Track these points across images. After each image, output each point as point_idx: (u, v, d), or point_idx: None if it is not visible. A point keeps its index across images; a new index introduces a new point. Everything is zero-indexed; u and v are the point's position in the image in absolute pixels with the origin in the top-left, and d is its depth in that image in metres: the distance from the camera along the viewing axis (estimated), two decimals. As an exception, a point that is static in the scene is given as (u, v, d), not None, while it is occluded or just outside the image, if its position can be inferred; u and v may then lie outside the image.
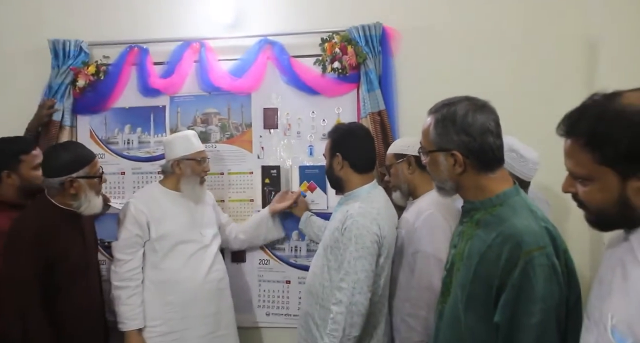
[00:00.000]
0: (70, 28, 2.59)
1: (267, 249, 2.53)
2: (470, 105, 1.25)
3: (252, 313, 2.53)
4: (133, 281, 2.12)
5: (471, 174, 1.26)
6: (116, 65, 2.57)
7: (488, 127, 1.23)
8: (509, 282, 1.12)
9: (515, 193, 1.26)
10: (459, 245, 1.31)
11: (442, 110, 1.28)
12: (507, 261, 1.13)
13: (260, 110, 2.53)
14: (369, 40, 2.36)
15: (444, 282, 1.35)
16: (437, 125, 1.28)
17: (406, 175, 2.04)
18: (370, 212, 1.82)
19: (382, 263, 1.84)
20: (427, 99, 2.33)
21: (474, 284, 1.19)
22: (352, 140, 1.95)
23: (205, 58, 2.49)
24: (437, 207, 1.88)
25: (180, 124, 2.58)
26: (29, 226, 1.90)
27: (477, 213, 1.27)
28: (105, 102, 2.59)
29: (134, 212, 2.15)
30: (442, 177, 1.31)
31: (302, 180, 2.49)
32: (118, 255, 2.13)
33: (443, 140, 1.26)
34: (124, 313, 2.09)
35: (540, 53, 2.34)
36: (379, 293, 1.86)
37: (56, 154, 1.96)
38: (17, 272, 1.83)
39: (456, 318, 1.24)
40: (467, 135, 1.23)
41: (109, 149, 2.62)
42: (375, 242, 1.79)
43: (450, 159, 1.26)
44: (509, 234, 1.15)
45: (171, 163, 2.22)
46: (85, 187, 1.96)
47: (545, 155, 1.82)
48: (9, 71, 2.67)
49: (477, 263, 1.19)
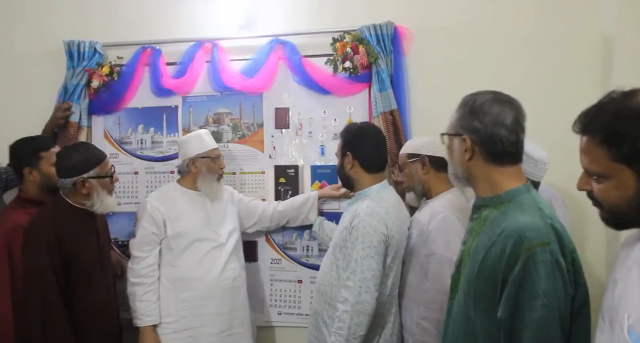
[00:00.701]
0: (85, 29, 2.63)
1: (279, 248, 2.53)
2: (492, 97, 1.27)
3: (264, 312, 2.55)
4: (149, 278, 2.15)
5: (479, 164, 1.27)
6: (129, 66, 2.59)
7: (502, 120, 1.24)
8: (510, 277, 1.12)
9: (525, 191, 1.25)
10: (468, 242, 1.31)
11: (467, 98, 1.31)
12: (510, 256, 1.12)
13: (272, 110, 2.54)
14: (380, 40, 2.35)
15: (453, 278, 1.35)
16: (457, 110, 1.32)
17: (420, 176, 2.03)
18: (377, 211, 1.82)
19: (389, 263, 1.84)
20: (439, 98, 2.36)
21: (479, 280, 1.19)
22: (363, 139, 1.96)
23: (217, 58, 2.50)
24: (451, 209, 1.87)
25: (192, 124, 2.59)
26: (46, 224, 1.94)
27: (486, 210, 1.27)
28: (119, 103, 2.62)
29: (150, 211, 2.18)
30: (455, 162, 1.34)
31: (313, 179, 2.50)
32: (135, 253, 2.17)
33: (459, 124, 1.30)
34: (139, 309, 2.13)
35: (555, 51, 2.31)
36: (387, 293, 1.85)
37: (68, 155, 1.99)
38: (36, 268, 1.87)
39: (464, 314, 1.24)
40: (479, 122, 1.25)
41: (122, 149, 2.65)
42: (382, 242, 1.79)
43: (462, 143, 1.28)
44: (512, 229, 1.15)
45: (187, 162, 2.24)
46: (96, 186, 2.00)
47: (561, 154, 1.79)
48: (25, 72, 2.71)
49: (482, 259, 1.19)
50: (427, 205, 2.02)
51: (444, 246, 1.80)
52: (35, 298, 1.85)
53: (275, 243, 2.54)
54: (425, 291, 1.83)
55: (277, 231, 2.53)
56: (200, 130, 2.35)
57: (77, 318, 1.95)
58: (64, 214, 1.99)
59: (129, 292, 2.16)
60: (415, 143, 2.09)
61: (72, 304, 1.95)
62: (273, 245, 2.54)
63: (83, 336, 1.96)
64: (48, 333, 1.85)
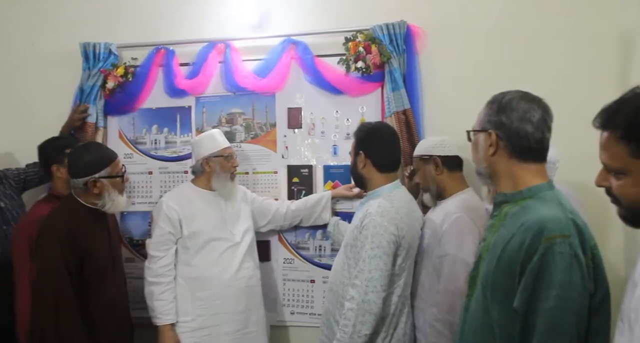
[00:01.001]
0: (100, 31, 2.66)
1: (291, 248, 2.54)
2: (520, 95, 1.29)
3: (277, 311, 2.55)
4: (166, 277, 2.17)
5: (503, 158, 1.28)
6: (144, 67, 2.62)
7: (530, 117, 1.25)
8: (528, 266, 1.11)
9: (547, 188, 1.25)
10: (487, 238, 1.30)
11: (496, 95, 1.33)
12: (529, 247, 1.12)
13: (285, 110, 2.54)
14: (393, 39, 2.34)
15: (471, 275, 1.34)
16: (486, 106, 1.33)
17: (434, 176, 2.02)
18: (388, 211, 1.81)
19: (400, 263, 1.83)
20: (453, 97, 2.35)
21: (498, 273, 1.19)
22: (375, 139, 1.95)
23: (230, 58, 2.51)
24: (465, 210, 1.86)
25: (205, 124, 2.61)
26: (59, 224, 1.96)
27: (507, 206, 1.27)
28: (134, 103, 2.64)
29: (166, 210, 2.20)
30: (479, 158, 1.35)
31: (326, 179, 2.50)
32: (152, 252, 2.19)
33: (485, 120, 1.32)
34: (157, 308, 2.15)
35: (572, 49, 2.27)
36: (398, 293, 1.84)
37: (79, 156, 2.01)
38: (50, 267, 1.89)
39: (482, 308, 1.23)
40: (506, 118, 1.26)
41: (137, 149, 2.67)
42: (392, 242, 1.78)
43: (487, 139, 1.30)
44: (533, 221, 1.14)
45: (200, 162, 2.25)
46: (108, 186, 2.02)
47: (580, 153, 1.77)
48: (43, 73, 2.76)
49: (501, 251, 1.18)
50: (440, 206, 2.01)
51: (457, 247, 1.78)
52: (49, 296, 1.87)
53: (288, 243, 2.54)
54: (438, 292, 1.82)
55: (289, 231, 2.53)
56: (213, 130, 2.36)
57: (90, 316, 1.97)
58: (76, 214, 2.02)
59: (147, 291, 2.18)
60: (427, 144, 2.07)
61: (85, 302, 1.97)
62: (286, 245, 2.54)
63: (96, 334, 1.98)
64: (62, 331, 1.87)
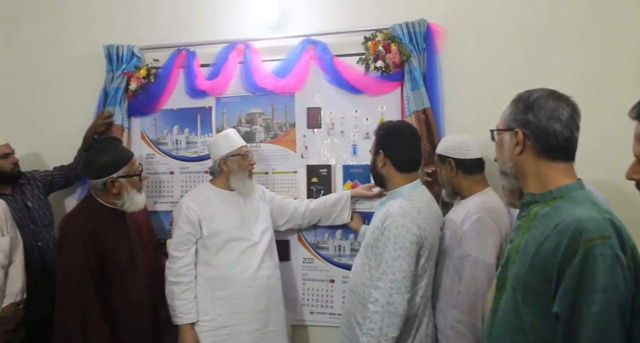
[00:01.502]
0: (122, 33, 2.71)
1: (311, 248, 2.54)
2: (547, 93, 1.25)
3: (296, 311, 2.56)
4: (186, 277, 2.20)
5: (530, 158, 1.24)
6: (165, 68, 2.65)
7: (558, 115, 1.21)
8: (568, 270, 1.07)
9: (578, 188, 1.21)
10: (516, 240, 1.27)
11: (521, 93, 1.29)
12: (567, 249, 1.08)
13: (304, 109, 2.55)
14: (413, 38, 2.32)
15: (499, 277, 1.31)
16: (511, 105, 1.30)
17: (449, 178, 2.01)
18: (410, 211, 1.79)
19: (423, 264, 1.81)
20: (473, 96, 2.33)
21: (531, 275, 1.15)
22: (396, 138, 1.93)
23: (250, 59, 2.53)
24: (486, 210, 1.83)
25: (226, 124, 2.63)
26: (80, 224, 2.00)
27: (536, 207, 1.23)
28: (156, 104, 2.68)
29: (185, 211, 2.22)
30: (504, 157, 1.32)
31: (345, 179, 2.49)
32: (172, 252, 2.22)
33: (511, 118, 1.28)
34: (177, 308, 2.17)
35: (597, 50, 2.22)
36: (420, 294, 1.83)
37: (96, 157, 2.04)
38: (73, 267, 1.92)
39: (513, 312, 1.20)
40: (534, 116, 1.23)
41: (158, 149, 2.71)
42: (414, 243, 1.76)
43: (513, 138, 1.26)
44: (568, 223, 1.10)
45: (218, 162, 2.27)
46: (126, 185, 2.05)
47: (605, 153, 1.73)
48: (66, 76, 2.82)
49: (534, 253, 1.14)
50: (460, 205, 1.99)
51: (478, 248, 1.76)
52: (73, 297, 1.90)
53: (308, 243, 2.54)
54: (459, 294, 1.80)
55: (309, 230, 2.54)
56: (228, 130, 2.38)
57: (115, 314, 2.01)
58: (96, 214, 2.05)
59: (167, 290, 2.20)
60: (445, 144, 2.05)
61: (109, 301, 2.00)
62: (305, 245, 2.55)
63: (117, 333, 2.01)
64: (87, 331, 1.90)
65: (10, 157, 2.46)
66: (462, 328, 1.76)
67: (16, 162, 2.49)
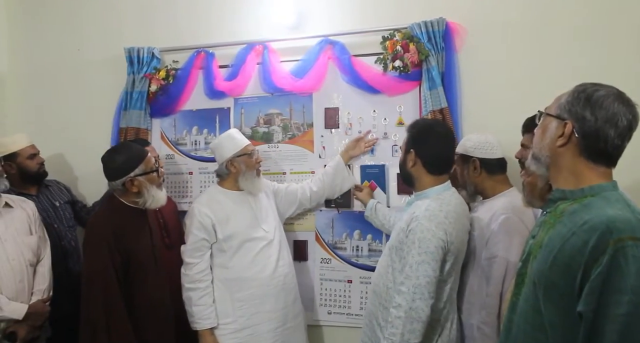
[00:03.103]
0: (143, 36, 2.75)
1: (328, 248, 2.54)
2: (616, 93, 1.18)
3: (314, 311, 2.56)
4: (203, 282, 2.19)
5: (570, 153, 1.19)
6: (184, 70, 2.68)
7: (617, 120, 1.14)
8: (595, 269, 1.03)
9: (611, 188, 1.17)
10: (539, 235, 1.23)
11: (588, 85, 1.20)
12: (595, 248, 1.04)
13: (322, 110, 2.55)
14: (431, 37, 2.31)
15: (519, 273, 1.27)
16: (572, 94, 1.21)
17: (472, 178, 1.98)
18: (437, 215, 1.72)
19: (448, 269, 1.75)
20: (492, 96, 2.30)
21: (553, 272, 1.11)
22: (429, 138, 1.85)
23: (268, 60, 2.54)
24: (513, 210, 1.80)
25: (244, 125, 2.65)
26: (105, 224, 2.03)
27: (564, 203, 1.19)
28: (175, 105, 2.71)
29: (198, 217, 2.20)
30: (543, 143, 1.25)
31: (362, 179, 2.48)
32: (187, 259, 2.21)
33: (566, 108, 1.20)
34: (196, 314, 2.16)
35: (619, 47, 2.17)
36: (444, 299, 1.77)
37: (111, 159, 2.07)
38: (99, 266, 1.96)
39: (533, 308, 1.17)
40: (591, 114, 1.15)
41: (178, 150, 2.74)
42: (440, 248, 1.69)
43: (560, 128, 1.19)
44: (599, 221, 1.06)
45: (225, 164, 2.26)
46: (145, 183, 2.07)
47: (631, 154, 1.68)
48: (89, 78, 2.87)
49: (559, 250, 1.11)
50: (484, 205, 1.96)
51: (506, 249, 1.73)
52: (98, 296, 1.93)
53: (325, 243, 2.54)
54: (487, 295, 1.78)
55: (326, 231, 2.54)
56: (230, 130, 2.37)
57: (139, 312, 2.02)
58: (119, 214, 2.08)
59: (185, 297, 2.19)
60: (469, 143, 2.01)
61: (133, 299, 2.03)
62: (323, 245, 2.55)
63: (140, 332, 2.02)
64: (112, 330, 1.92)
65: (36, 157, 2.53)
66: (488, 330, 1.74)
67: (42, 162, 2.55)
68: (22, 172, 2.48)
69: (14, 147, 2.47)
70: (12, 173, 2.45)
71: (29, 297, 2.15)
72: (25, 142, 2.52)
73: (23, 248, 2.17)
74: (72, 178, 2.86)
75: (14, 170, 2.46)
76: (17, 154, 2.47)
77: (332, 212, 2.54)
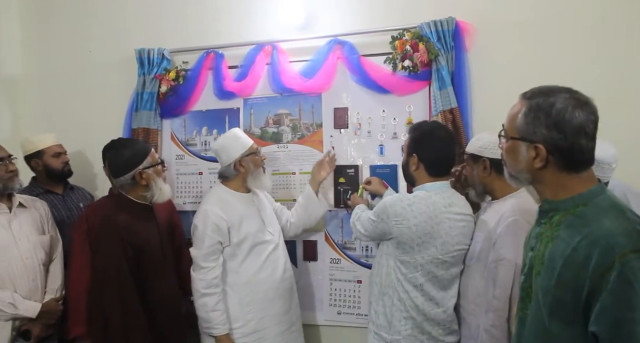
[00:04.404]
0: (153, 37, 2.77)
1: (338, 248, 2.54)
2: (571, 100, 1.14)
3: (324, 311, 2.56)
4: (217, 287, 2.12)
5: (552, 171, 1.17)
6: (194, 70, 2.70)
7: (585, 128, 1.13)
8: (603, 287, 1.02)
9: (600, 192, 1.16)
10: (538, 248, 1.22)
11: (538, 98, 1.16)
12: (599, 265, 1.03)
13: (331, 110, 2.55)
14: (441, 36, 2.29)
15: (523, 287, 1.27)
16: (528, 113, 1.17)
17: (481, 178, 1.96)
18: (400, 199, 1.89)
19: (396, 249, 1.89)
20: (503, 96, 2.24)
21: (559, 289, 1.11)
22: (431, 143, 1.93)
23: (277, 60, 2.55)
24: (521, 212, 1.78)
25: (253, 125, 2.66)
26: (115, 220, 2.06)
27: (557, 214, 1.18)
28: (185, 106, 2.73)
29: (214, 219, 2.12)
30: (518, 167, 1.23)
31: (372, 179, 2.48)
32: (203, 264, 2.11)
33: (530, 130, 1.16)
34: (214, 319, 2.09)
35: (631, 47, 2.14)
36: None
37: (119, 154, 2.11)
38: (113, 262, 1.98)
39: (542, 324, 1.16)
40: (559, 132, 1.13)
41: (187, 150, 2.76)
42: None
43: (531, 151, 1.17)
44: (598, 236, 1.06)
45: (233, 164, 2.21)
46: (153, 175, 2.11)
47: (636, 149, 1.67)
48: (101, 79, 2.90)
49: (562, 266, 1.10)
50: (492, 207, 1.95)
51: (514, 251, 1.72)
52: (113, 291, 1.95)
53: (335, 243, 2.55)
54: (494, 298, 1.76)
55: (336, 231, 2.54)
56: (233, 130, 2.31)
57: (151, 308, 2.05)
58: (128, 210, 2.10)
59: (200, 303, 2.10)
60: (479, 143, 1.99)
61: (146, 295, 2.05)
62: (332, 245, 2.55)
63: (157, 325, 2.06)
64: (127, 324, 1.95)
65: (61, 156, 2.60)
66: (497, 333, 1.73)
67: (67, 161, 2.61)
68: (48, 169, 2.55)
69: (41, 145, 2.55)
70: (39, 171, 2.55)
71: (42, 296, 2.19)
72: (52, 141, 2.59)
73: (36, 248, 2.20)
74: (84, 178, 2.88)
75: (40, 167, 2.55)
76: (43, 152, 2.54)
77: (341, 212, 2.53)
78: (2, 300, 2.03)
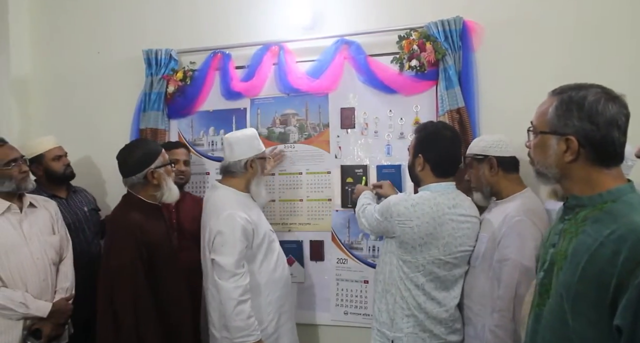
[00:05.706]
0: (160, 38, 2.78)
1: (345, 248, 2.54)
2: (603, 94, 1.15)
3: (331, 311, 2.56)
4: (249, 293, 2.05)
5: (582, 165, 1.16)
6: (201, 71, 2.71)
7: (617, 121, 1.13)
8: (631, 282, 1.00)
9: (630, 190, 1.14)
10: (560, 244, 1.20)
11: (570, 92, 1.16)
12: (628, 259, 1.01)
13: (338, 110, 2.55)
14: (448, 36, 2.29)
15: (542, 283, 1.25)
16: (559, 106, 1.16)
17: (488, 177, 1.96)
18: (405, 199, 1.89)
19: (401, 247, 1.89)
20: (510, 95, 2.27)
21: (582, 284, 1.09)
22: (437, 143, 1.93)
23: (284, 60, 2.55)
24: (526, 212, 1.78)
25: (260, 125, 2.66)
26: (126, 220, 2.06)
27: (583, 210, 1.17)
28: (192, 106, 2.74)
29: (242, 223, 2.05)
30: (548, 162, 1.21)
31: (379, 179, 2.47)
32: (237, 270, 2.01)
33: (561, 123, 1.16)
34: (251, 326, 2.01)
35: (636, 44, 2.12)
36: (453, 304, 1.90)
37: (131, 153, 2.11)
38: (128, 259, 1.98)
39: (560, 320, 1.15)
40: (592, 124, 1.12)
41: (195, 151, 2.77)
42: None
43: (562, 144, 1.16)
44: (628, 230, 1.04)
45: (245, 162, 2.16)
46: (164, 175, 2.12)
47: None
48: (109, 79, 2.92)
49: (587, 261, 1.09)
50: (497, 207, 1.94)
51: (518, 251, 1.72)
52: (127, 291, 1.95)
53: (342, 243, 2.55)
54: (498, 298, 1.76)
55: (342, 231, 2.54)
56: (252, 130, 2.31)
57: (163, 307, 2.05)
58: (139, 209, 2.11)
59: (236, 311, 1.98)
60: (482, 143, 2.00)
61: (157, 295, 2.04)
62: (339, 245, 2.55)
63: (168, 324, 2.05)
64: (140, 323, 1.95)
65: (62, 159, 2.57)
66: (501, 333, 1.73)
67: (68, 164, 2.60)
68: (49, 173, 2.52)
69: (40, 149, 2.51)
70: (40, 175, 2.51)
71: (52, 296, 2.21)
72: (51, 144, 2.56)
73: (47, 248, 2.22)
74: (93, 180, 2.90)
75: (41, 172, 2.52)
76: (43, 156, 2.51)
77: (348, 212, 2.53)
78: (14, 299, 2.05)
